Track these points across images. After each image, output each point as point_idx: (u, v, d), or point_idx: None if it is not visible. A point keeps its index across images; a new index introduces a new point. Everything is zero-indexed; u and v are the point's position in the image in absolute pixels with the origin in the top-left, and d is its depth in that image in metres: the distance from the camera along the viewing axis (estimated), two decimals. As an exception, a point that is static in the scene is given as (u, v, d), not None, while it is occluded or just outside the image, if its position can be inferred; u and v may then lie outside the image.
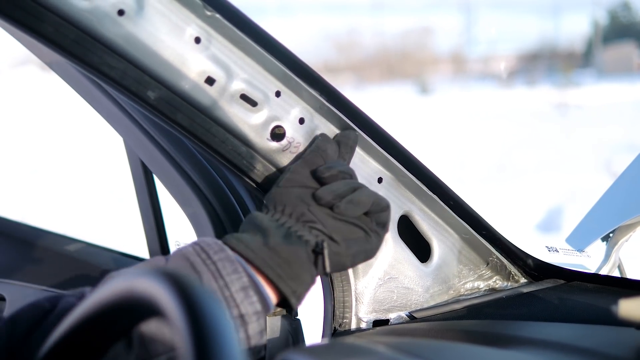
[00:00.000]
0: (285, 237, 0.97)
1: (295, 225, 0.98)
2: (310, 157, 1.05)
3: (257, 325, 0.89)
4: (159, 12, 0.96)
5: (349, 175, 1.04)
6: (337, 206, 1.00)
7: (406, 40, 40.65)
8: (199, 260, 0.90)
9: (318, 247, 0.97)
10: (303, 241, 0.97)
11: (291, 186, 1.02)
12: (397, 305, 1.20)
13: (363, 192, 1.02)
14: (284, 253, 0.95)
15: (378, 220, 1.04)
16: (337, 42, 41.58)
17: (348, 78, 33.46)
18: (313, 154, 1.06)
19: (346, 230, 1.00)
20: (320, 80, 1.07)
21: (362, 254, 1.01)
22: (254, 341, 0.89)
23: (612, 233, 1.33)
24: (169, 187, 1.40)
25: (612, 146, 10.75)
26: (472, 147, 12.10)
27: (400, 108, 19.60)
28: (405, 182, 1.19)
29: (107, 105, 1.44)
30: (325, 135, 1.10)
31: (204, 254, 0.91)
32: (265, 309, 0.92)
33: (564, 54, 38.49)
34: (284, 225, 0.98)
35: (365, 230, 1.01)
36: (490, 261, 1.27)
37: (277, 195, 1.02)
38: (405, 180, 1.18)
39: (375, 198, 1.03)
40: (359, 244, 1.01)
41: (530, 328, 1.07)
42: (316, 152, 1.06)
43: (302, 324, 1.26)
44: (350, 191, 1.01)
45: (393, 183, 1.18)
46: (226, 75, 1.02)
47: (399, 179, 1.18)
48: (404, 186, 1.19)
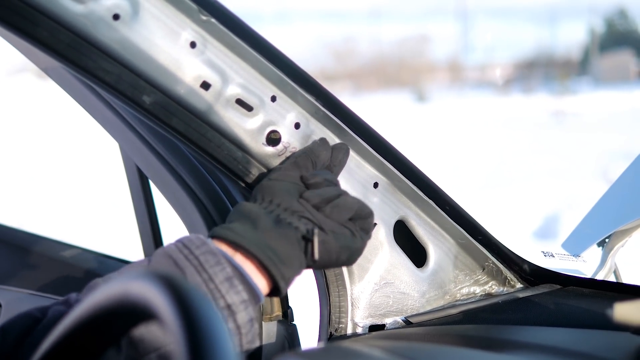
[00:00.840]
0: (275, 223, 0.97)
1: (284, 213, 0.98)
2: (302, 160, 1.05)
3: (246, 314, 0.89)
4: (154, 17, 0.96)
5: (334, 184, 1.04)
6: (323, 209, 1.00)
7: (403, 48, 40.75)
8: (181, 256, 0.90)
9: (308, 233, 0.97)
10: (293, 227, 0.97)
11: (281, 179, 1.02)
12: (393, 310, 1.20)
13: (348, 198, 1.02)
14: (274, 237, 0.95)
15: (362, 226, 1.04)
16: (334, 49, 41.68)
17: (345, 86, 33.52)
18: (304, 157, 1.05)
19: (334, 225, 1.00)
20: (316, 85, 1.07)
21: (347, 250, 1.01)
22: (244, 330, 0.89)
23: (607, 238, 1.33)
24: (165, 192, 1.39)
25: (608, 153, 10.76)
26: (468, 155, 12.12)
27: (397, 116, 19.63)
28: (401, 187, 1.19)
29: (103, 110, 1.44)
30: (324, 140, 1.10)
31: (186, 250, 0.91)
32: (254, 298, 0.92)
33: (561, 62, 38.62)
34: (273, 212, 0.98)
35: (351, 231, 1.02)
36: (486, 266, 1.27)
37: (266, 187, 1.02)
38: (401, 185, 1.18)
39: (360, 204, 1.03)
40: (346, 240, 1.00)
41: (526, 333, 1.07)
42: (307, 155, 1.06)
43: (298, 329, 1.26)
44: (336, 197, 1.01)
45: (389, 188, 1.18)
46: (222, 79, 1.02)
47: (395, 184, 1.18)
48: (399, 191, 1.19)
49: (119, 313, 0.66)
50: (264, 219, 0.97)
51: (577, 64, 39.11)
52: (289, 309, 1.26)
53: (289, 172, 1.03)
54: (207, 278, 0.88)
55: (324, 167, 1.08)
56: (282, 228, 0.96)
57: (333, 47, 41.95)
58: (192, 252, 0.91)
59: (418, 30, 45.48)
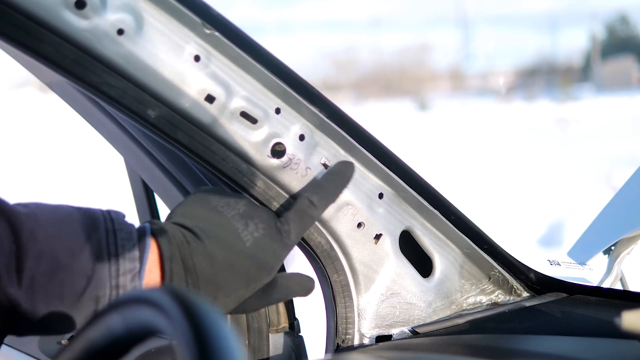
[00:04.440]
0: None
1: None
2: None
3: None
4: (158, 31, 0.96)
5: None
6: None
7: (404, 57, 40.84)
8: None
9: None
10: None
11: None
12: (399, 321, 1.20)
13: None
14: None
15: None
16: (335, 59, 41.79)
17: (347, 95, 33.57)
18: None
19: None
20: (320, 97, 1.08)
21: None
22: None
23: (613, 246, 1.33)
24: (170, 205, 1.40)
25: (612, 160, 10.75)
26: (471, 162, 12.11)
27: (399, 124, 19.64)
28: (407, 198, 1.19)
29: (107, 124, 1.44)
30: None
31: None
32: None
33: (563, 69, 38.67)
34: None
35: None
36: (492, 275, 1.27)
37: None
38: (406, 195, 1.18)
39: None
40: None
41: (533, 342, 1.07)
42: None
43: (305, 341, 1.26)
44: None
45: (394, 199, 1.18)
46: (226, 92, 1.02)
47: (400, 194, 1.18)
48: (405, 201, 1.19)
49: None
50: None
51: (579, 70, 39.15)
52: (296, 320, 1.26)
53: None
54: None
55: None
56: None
57: (334, 57, 42.08)
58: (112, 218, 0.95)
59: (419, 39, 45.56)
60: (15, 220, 0.87)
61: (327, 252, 1.14)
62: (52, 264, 0.87)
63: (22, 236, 0.86)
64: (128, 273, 0.91)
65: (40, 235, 0.87)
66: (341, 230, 1.14)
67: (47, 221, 0.89)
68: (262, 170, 1.08)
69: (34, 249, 0.86)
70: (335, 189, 1.08)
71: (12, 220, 0.87)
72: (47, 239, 0.88)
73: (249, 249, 0.99)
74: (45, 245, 0.87)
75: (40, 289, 0.86)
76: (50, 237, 0.88)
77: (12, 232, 0.86)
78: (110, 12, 0.92)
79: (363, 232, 1.16)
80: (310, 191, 1.06)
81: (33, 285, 0.86)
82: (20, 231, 0.86)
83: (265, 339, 1.23)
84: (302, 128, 1.09)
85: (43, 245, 0.87)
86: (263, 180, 1.09)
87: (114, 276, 0.90)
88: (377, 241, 1.17)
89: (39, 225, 0.88)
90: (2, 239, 0.85)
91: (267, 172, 1.08)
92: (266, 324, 1.23)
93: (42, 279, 0.86)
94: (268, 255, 1.00)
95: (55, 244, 0.88)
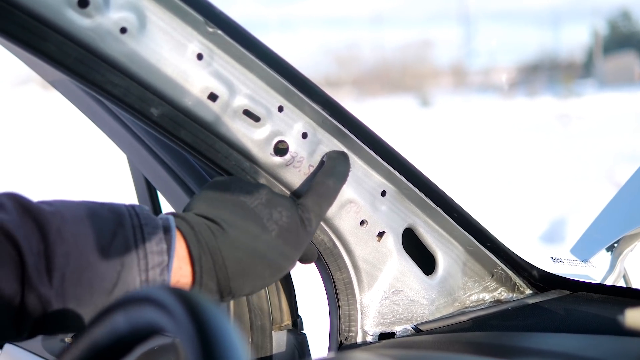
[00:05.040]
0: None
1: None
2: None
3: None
4: (161, 30, 0.96)
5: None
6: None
7: (406, 53, 40.81)
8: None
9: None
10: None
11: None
12: (402, 318, 1.20)
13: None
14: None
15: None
16: (337, 56, 41.76)
17: (349, 92, 33.54)
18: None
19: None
20: (323, 95, 1.08)
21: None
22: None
23: (616, 243, 1.33)
24: (173, 203, 1.40)
25: (614, 156, 10.74)
26: (474, 159, 12.11)
27: (402, 121, 19.63)
28: (409, 195, 1.19)
29: (110, 122, 1.44)
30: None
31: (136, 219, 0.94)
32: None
33: (565, 65, 38.63)
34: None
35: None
36: (495, 273, 1.27)
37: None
38: (409, 193, 1.18)
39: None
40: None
41: (537, 339, 1.07)
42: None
43: (308, 338, 1.26)
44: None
45: (397, 196, 1.18)
46: (229, 91, 1.02)
47: (403, 192, 1.18)
48: (407, 199, 1.19)
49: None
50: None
51: (581, 66, 39.11)
52: (299, 318, 1.26)
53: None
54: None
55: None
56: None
57: (336, 54, 42.05)
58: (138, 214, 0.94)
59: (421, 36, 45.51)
60: (42, 219, 0.86)
61: (330, 250, 1.14)
62: (80, 262, 0.86)
63: (50, 235, 0.86)
64: (157, 267, 0.90)
65: (67, 234, 0.87)
66: (344, 228, 1.14)
67: (73, 219, 0.89)
68: (265, 168, 1.08)
69: (61, 248, 0.86)
70: (343, 170, 1.09)
71: (39, 219, 0.86)
72: (74, 237, 0.87)
73: (275, 238, 0.98)
74: (72, 244, 0.87)
75: (70, 287, 0.86)
76: (77, 235, 0.88)
77: (39, 231, 0.85)
78: (113, 11, 0.92)
79: (366, 230, 1.16)
80: (323, 175, 1.07)
81: (64, 284, 0.85)
82: (47, 230, 0.86)
83: (268, 336, 1.23)
84: (305, 126, 1.09)
85: (70, 243, 0.86)
86: (266, 178, 1.09)
87: (143, 270, 0.90)
88: (380, 239, 1.17)
89: (65, 224, 0.88)
90: (30, 238, 0.84)
91: (270, 170, 1.09)
92: (269, 321, 1.23)
93: (72, 277, 0.86)
94: (293, 244, 1.00)
95: (83, 242, 0.87)
